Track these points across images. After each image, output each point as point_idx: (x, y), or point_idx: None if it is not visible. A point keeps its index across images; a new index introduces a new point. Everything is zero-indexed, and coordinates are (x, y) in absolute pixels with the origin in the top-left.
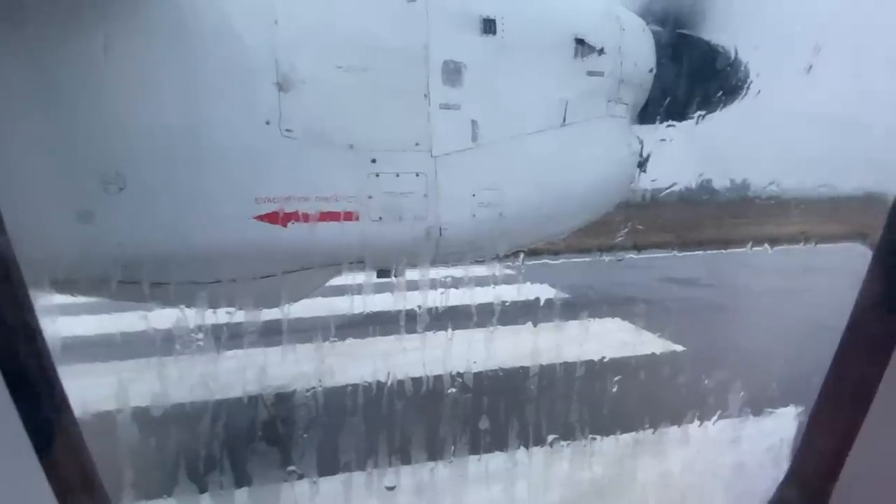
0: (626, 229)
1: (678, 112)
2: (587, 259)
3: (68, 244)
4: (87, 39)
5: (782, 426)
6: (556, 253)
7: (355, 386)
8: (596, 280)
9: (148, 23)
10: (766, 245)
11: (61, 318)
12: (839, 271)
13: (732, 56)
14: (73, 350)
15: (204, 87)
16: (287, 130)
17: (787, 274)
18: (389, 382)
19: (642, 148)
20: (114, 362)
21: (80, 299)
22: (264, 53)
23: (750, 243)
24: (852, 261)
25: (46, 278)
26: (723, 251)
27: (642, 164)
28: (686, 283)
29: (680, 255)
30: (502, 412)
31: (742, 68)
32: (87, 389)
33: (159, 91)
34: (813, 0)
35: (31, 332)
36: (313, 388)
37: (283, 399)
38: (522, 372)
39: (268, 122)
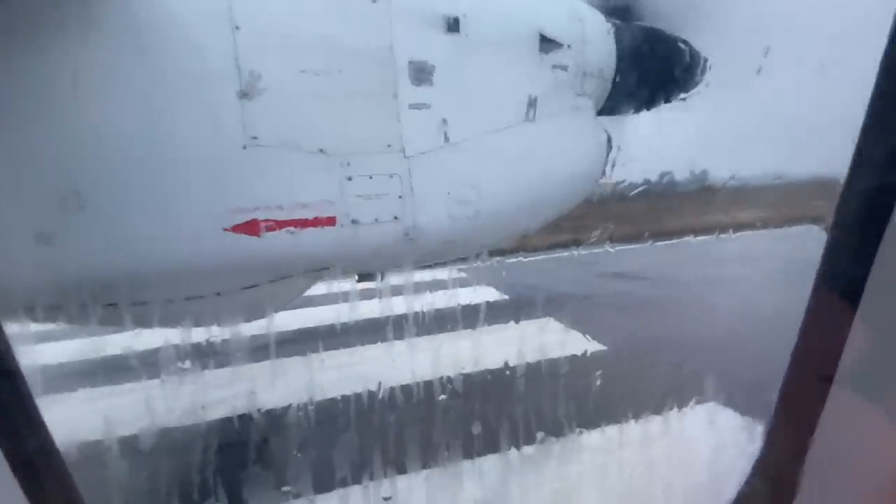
0: (599, 227)
1: (640, 102)
2: (545, 256)
3: (30, 269)
4: (37, 49)
5: (694, 425)
6: (529, 250)
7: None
8: (545, 279)
9: (102, 32)
10: (718, 232)
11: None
12: (789, 258)
13: (690, 47)
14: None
15: (164, 97)
16: (253, 138)
17: (736, 261)
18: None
19: (609, 139)
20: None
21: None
22: (226, 60)
23: (707, 231)
24: (803, 245)
25: (19, 307)
26: (678, 241)
27: (609, 155)
28: (631, 277)
29: (634, 247)
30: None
31: (700, 59)
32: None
33: (116, 103)
34: None
35: (6, 363)
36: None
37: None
38: (442, 383)
39: (232, 131)
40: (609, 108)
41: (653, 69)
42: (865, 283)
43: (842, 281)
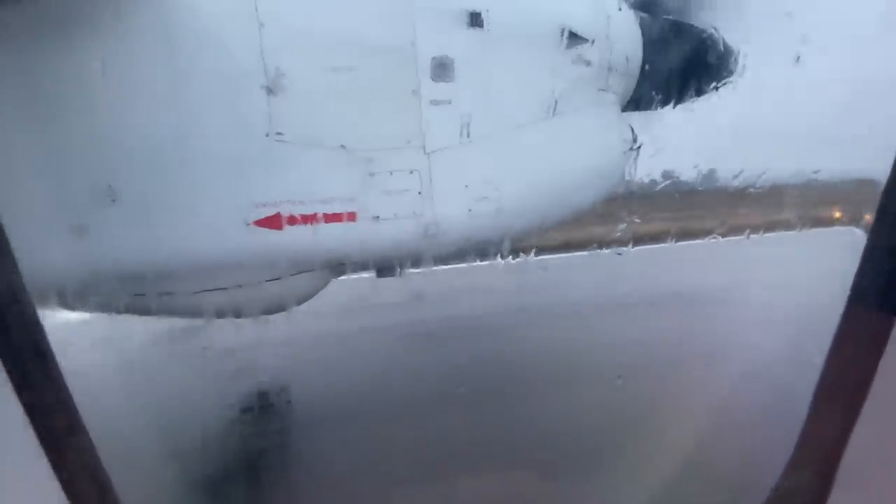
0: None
1: (667, 97)
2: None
3: (63, 259)
4: (68, 48)
5: None
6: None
7: None
8: None
9: (131, 31)
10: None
11: None
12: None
13: (720, 40)
14: None
15: (192, 94)
16: (278, 134)
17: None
18: None
19: (634, 135)
20: None
21: None
22: (252, 58)
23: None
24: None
25: (52, 296)
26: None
27: (634, 151)
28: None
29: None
30: None
31: (731, 52)
32: None
33: (148, 101)
34: None
35: (42, 351)
36: None
37: None
38: None
39: (257, 127)
40: (635, 103)
41: (681, 63)
42: None
43: (879, 286)
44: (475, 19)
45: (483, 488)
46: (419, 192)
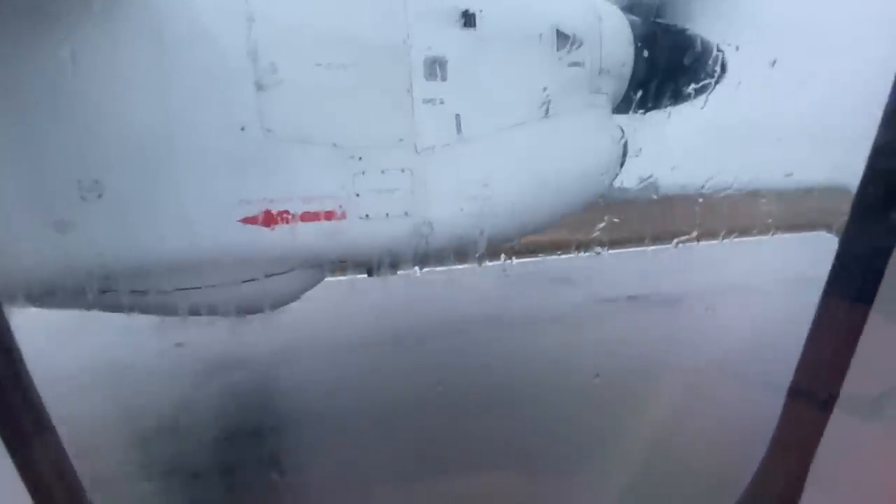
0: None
1: (658, 100)
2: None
3: (44, 255)
4: (56, 41)
5: None
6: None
7: None
8: None
9: (120, 24)
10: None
11: None
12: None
13: (708, 44)
14: None
15: (180, 88)
16: (267, 130)
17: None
18: None
19: (624, 137)
20: None
21: None
22: (241, 52)
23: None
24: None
25: (21, 292)
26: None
27: (624, 153)
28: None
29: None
30: None
31: (718, 56)
32: None
33: (134, 94)
34: None
35: (6, 347)
36: None
37: None
38: None
39: (247, 123)
40: (625, 105)
41: (671, 67)
42: (877, 291)
43: (854, 288)
44: (469, 19)
45: (463, 488)
46: (411, 192)
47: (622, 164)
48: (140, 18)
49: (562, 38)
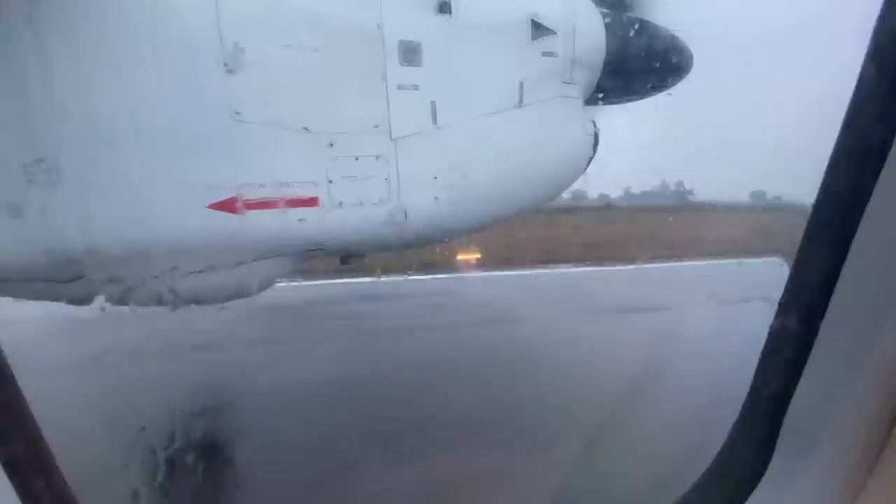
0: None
1: (628, 93)
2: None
3: (6, 243)
4: (20, 21)
5: None
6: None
7: None
8: None
9: (85, 3)
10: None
11: None
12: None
13: (678, 40)
14: None
15: (146, 69)
16: (236, 113)
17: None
18: None
19: (596, 129)
20: None
21: None
22: (209, 33)
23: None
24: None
25: None
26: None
27: (595, 144)
28: None
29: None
30: None
31: (688, 52)
32: None
33: (97, 75)
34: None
35: None
36: None
37: None
38: None
39: (214, 105)
40: (596, 97)
41: (642, 60)
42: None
43: (803, 311)
44: (444, 6)
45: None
46: (385, 179)
47: (593, 156)
48: None
49: (536, 27)
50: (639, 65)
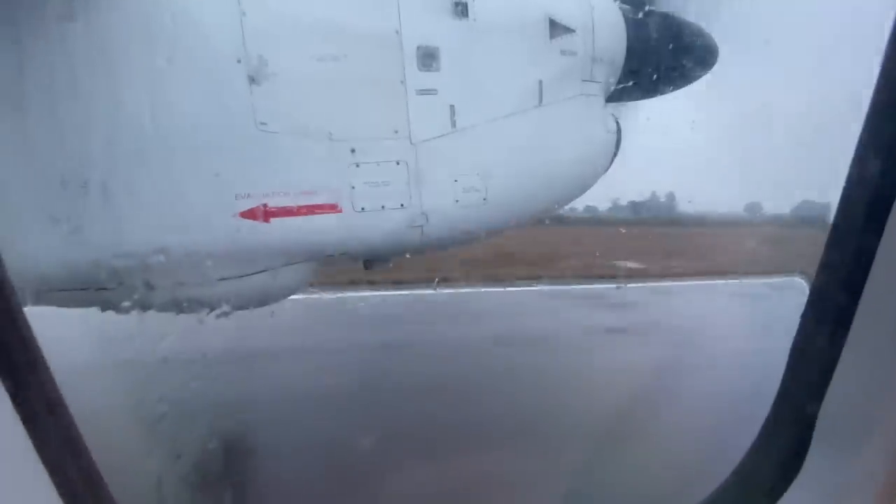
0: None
1: (650, 90)
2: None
3: (37, 252)
4: (52, 37)
5: None
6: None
7: None
8: None
9: (112, 19)
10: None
11: None
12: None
13: (703, 34)
14: None
15: (173, 82)
16: (261, 124)
17: None
18: None
19: (618, 126)
20: None
21: None
22: (234, 46)
23: None
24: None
25: (26, 291)
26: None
27: (618, 143)
28: None
29: None
30: None
31: (713, 46)
32: None
33: (130, 92)
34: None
35: (28, 344)
36: None
37: None
38: None
39: (240, 117)
40: (618, 94)
41: (664, 56)
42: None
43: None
44: (461, 9)
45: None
46: (406, 183)
47: (616, 153)
48: (132, 11)
49: (554, 26)
50: (661, 60)
